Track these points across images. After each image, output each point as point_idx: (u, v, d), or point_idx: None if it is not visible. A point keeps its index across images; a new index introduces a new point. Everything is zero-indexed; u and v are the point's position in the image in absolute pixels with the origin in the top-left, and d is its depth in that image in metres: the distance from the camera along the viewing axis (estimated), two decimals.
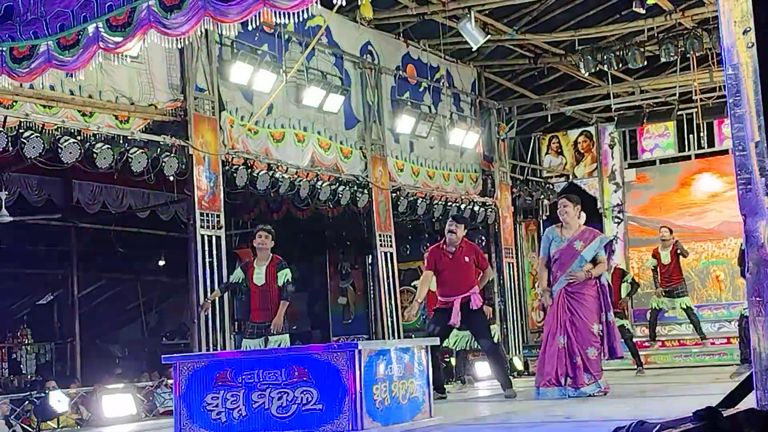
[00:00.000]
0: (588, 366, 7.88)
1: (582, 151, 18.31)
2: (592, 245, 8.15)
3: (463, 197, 15.18)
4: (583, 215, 8.60)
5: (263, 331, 8.80)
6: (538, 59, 15.51)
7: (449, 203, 14.66)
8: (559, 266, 8.13)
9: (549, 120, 17.65)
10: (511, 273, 16.09)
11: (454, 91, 15.33)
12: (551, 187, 18.08)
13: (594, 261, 8.19)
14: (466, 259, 8.68)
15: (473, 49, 13.62)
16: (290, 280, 8.95)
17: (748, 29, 3.94)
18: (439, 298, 8.81)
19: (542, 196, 17.51)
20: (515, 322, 15.87)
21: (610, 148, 17.97)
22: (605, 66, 14.21)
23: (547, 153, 18.55)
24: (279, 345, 8.61)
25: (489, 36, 13.04)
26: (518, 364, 14.53)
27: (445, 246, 8.77)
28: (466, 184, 15.58)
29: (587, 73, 14.79)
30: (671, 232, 13.46)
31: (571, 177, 18.33)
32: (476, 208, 15.33)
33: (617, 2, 13.03)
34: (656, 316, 13.45)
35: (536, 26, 14.26)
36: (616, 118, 17.00)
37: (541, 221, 17.89)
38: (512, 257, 16.26)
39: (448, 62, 15.14)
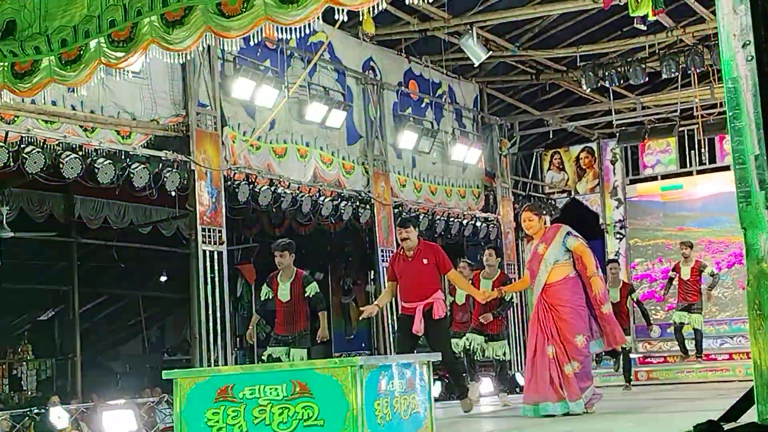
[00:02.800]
0: (563, 382, 7.19)
1: (584, 167, 18.31)
2: (555, 243, 7.39)
3: (465, 213, 15.17)
4: (548, 220, 8.20)
5: (287, 343, 8.83)
6: (539, 75, 15.55)
7: (451, 219, 14.65)
8: (531, 276, 7.53)
9: (551, 136, 17.67)
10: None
11: (456, 107, 15.35)
12: (553, 202, 18.06)
13: (571, 259, 7.40)
14: (424, 261, 7.93)
15: (475, 66, 13.65)
16: (318, 291, 8.98)
17: (748, 42, 3.94)
18: (402, 304, 8.17)
19: (544, 213, 17.46)
20: (518, 338, 15.81)
21: (611, 164, 17.97)
22: (606, 82, 14.22)
23: (549, 169, 18.54)
24: (301, 358, 8.63)
25: (491, 52, 13.08)
26: (521, 380, 14.44)
27: (402, 251, 8.07)
28: (468, 199, 15.58)
29: (589, 90, 14.80)
30: (692, 247, 13.39)
31: (573, 193, 18.32)
32: (478, 224, 15.33)
33: (618, 19, 13.05)
34: (681, 331, 13.22)
35: (538, 42, 14.29)
36: (617, 134, 17.02)
37: None
38: (515, 273, 16.22)
39: (450, 78, 15.17)
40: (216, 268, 10.16)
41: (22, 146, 8.72)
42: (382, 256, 13.04)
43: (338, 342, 17.52)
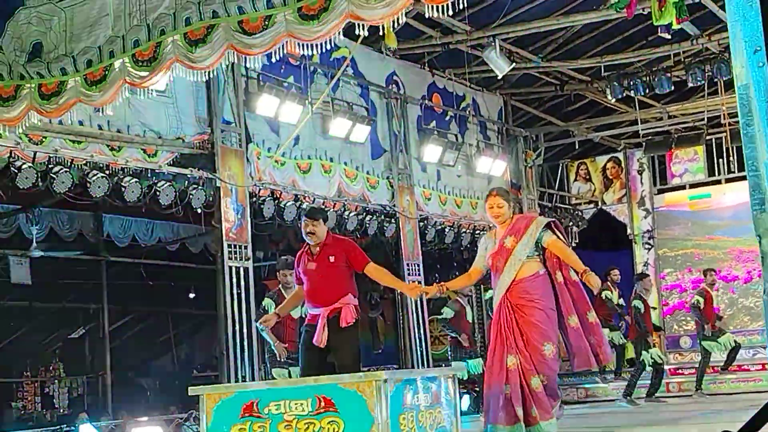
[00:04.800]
0: (531, 399, 6.14)
1: (611, 178, 18.21)
2: (528, 236, 6.32)
3: (491, 225, 15.10)
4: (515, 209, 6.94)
5: (295, 361, 8.78)
6: (564, 86, 15.50)
7: (477, 231, 14.62)
8: (495, 273, 6.44)
9: (577, 147, 17.60)
10: None
11: (481, 119, 15.34)
12: (580, 213, 17.96)
13: (541, 255, 6.39)
14: (331, 259, 6.74)
15: (499, 78, 13.64)
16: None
17: (759, 49, 3.90)
18: (307, 310, 6.96)
19: (571, 223, 17.40)
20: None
21: (639, 174, 17.84)
22: (632, 92, 14.16)
23: (575, 180, 18.46)
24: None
25: (514, 64, 13.05)
26: None
27: (307, 249, 6.92)
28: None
29: (614, 100, 14.74)
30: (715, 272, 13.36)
31: (600, 203, 18.22)
32: None
33: (643, 28, 12.99)
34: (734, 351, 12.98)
35: (562, 53, 14.26)
36: (644, 144, 16.92)
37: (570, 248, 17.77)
38: None
39: (474, 91, 15.17)
40: (242, 284, 10.20)
41: (51, 166, 8.82)
42: (408, 269, 13.03)
43: (366, 356, 17.49)
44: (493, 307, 6.53)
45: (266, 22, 5.98)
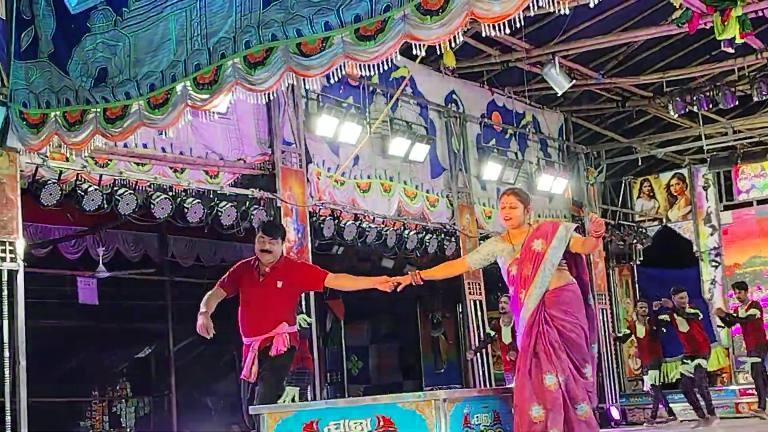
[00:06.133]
0: (577, 428, 5.47)
1: (675, 194, 17.96)
2: (558, 240, 5.68)
3: None
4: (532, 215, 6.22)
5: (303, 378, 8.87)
6: (626, 102, 15.32)
7: None
8: (522, 283, 5.72)
9: (640, 163, 17.36)
10: (605, 319, 15.75)
11: (541, 136, 15.26)
12: (644, 231, 17.72)
13: (571, 258, 5.80)
14: (278, 284, 6.26)
15: (559, 95, 13.55)
16: (307, 324, 8.88)
17: None
18: (243, 339, 6.42)
19: (635, 241, 17.18)
20: (611, 370, 15.48)
21: (704, 190, 17.56)
22: (695, 107, 13.95)
23: (638, 197, 18.25)
24: (293, 399, 8.47)
25: (574, 81, 12.96)
26: (615, 414, 14.14)
27: (255, 266, 6.44)
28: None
29: (676, 115, 14.53)
30: (746, 289, 13.02)
31: (664, 220, 17.95)
32: None
33: (706, 43, 12.80)
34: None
35: (623, 69, 14.11)
36: (709, 160, 16.63)
37: (634, 266, 17.57)
38: (605, 303, 15.94)
39: (533, 108, 15.10)
40: (304, 303, 10.25)
41: (115, 188, 9.00)
42: (469, 288, 12.98)
43: (428, 376, 17.44)
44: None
45: (323, 44, 6.03)
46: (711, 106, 13.90)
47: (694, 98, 13.76)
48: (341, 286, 6.60)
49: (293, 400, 8.46)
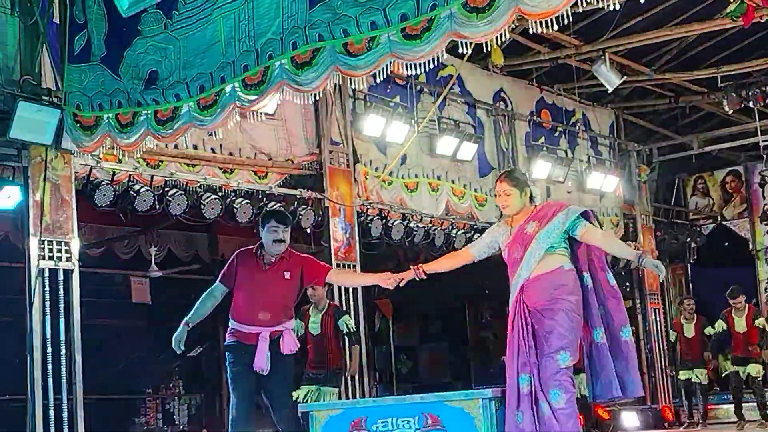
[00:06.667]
0: (557, 417, 5.06)
1: (730, 192, 17.64)
2: (555, 222, 5.28)
3: None
4: (537, 196, 5.60)
5: (318, 381, 8.83)
6: (679, 98, 15.10)
7: None
8: (511, 266, 5.44)
9: (693, 160, 17.09)
10: (657, 319, 15.55)
11: (591, 134, 15.11)
12: (698, 229, 17.45)
13: (569, 251, 5.33)
14: (286, 275, 6.06)
15: (609, 92, 13.41)
16: (352, 325, 8.83)
17: None
18: (234, 325, 6.08)
19: (689, 239, 16.93)
20: (663, 370, 15.28)
21: (760, 188, 17.18)
22: (750, 102, 13.69)
23: (692, 195, 17.97)
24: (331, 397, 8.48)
25: (625, 77, 12.82)
26: (668, 415, 13.95)
27: (258, 254, 6.15)
28: (606, 228, 15.23)
29: (731, 111, 14.28)
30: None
31: (719, 219, 17.65)
32: None
33: (762, 37, 12.57)
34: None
35: (676, 65, 13.91)
36: (765, 156, 16.29)
37: (688, 265, 17.32)
38: (658, 302, 15.73)
39: (584, 105, 14.96)
40: (351, 302, 10.30)
41: (167, 189, 9.13)
42: None
43: (478, 376, 17.40)
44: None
45: (370, 44, 6.03)
46: (767, 101, 13.64)
47: (750, 93, 13.50)
48: (344, 282, 6.38)
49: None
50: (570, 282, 5.27)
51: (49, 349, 7.96)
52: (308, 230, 10.20)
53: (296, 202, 10.07)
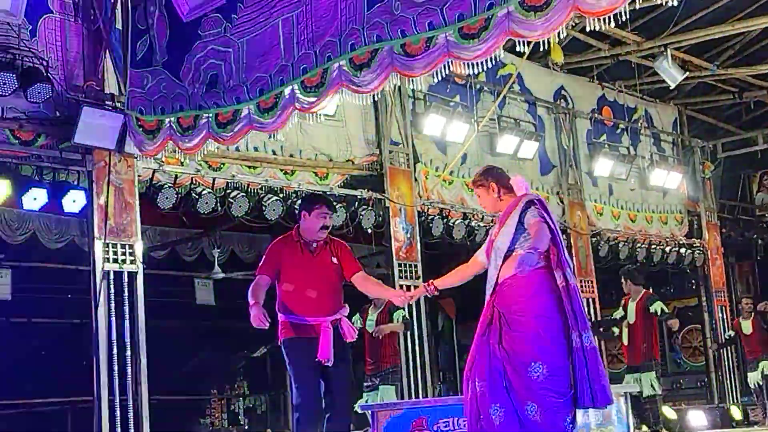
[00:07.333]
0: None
1: None
2: (509, 223, 4.89)
3: (668, 240, 14.64)
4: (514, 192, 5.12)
5: (375, 387, 8.84)
6: (743, 94, 14.81)
7: (653, 246, 14.18)
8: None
9: (759, 156, 16.73)
10: (724, 316, 15.26)
11: (654, 131, 14.90)
12: (765, 226, 17.08)
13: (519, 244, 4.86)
14: (334, 260, 5.77)
15: (672, 88, 13.20)
16: (406, 316, 8.94)
17: None
18: (292, 319, 5.78)
19: (755, 236, 16.59)
20: (731, 368, 14.98)
21: None
22: None
23: (759, 191, 17.60)
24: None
25: (688, 73, 12.61)
26: (736, 414, 13.67)
27: (300, 240, 5.86)
28: (670, 225, 15.01)
29: None
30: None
31: None
32: (682, 251, 14.74)
33: None
34: None
35: (739, 60, 13.65)
36: None
37: (755, 262, 16.95)
38: (724, 299, 15.43)
39: (646, 102, 14.76)
40: (413, 302, 10.28)
41: (228, 191, 9.24)
42: (583, 286, 12.76)
43: None
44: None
45: (428, 44, 6.02)
46: None
47: None
48: (364, 288, 5.99)
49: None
50: (534, 283, 4.80)
51: (115, 351, 8.09)
52: (369, 230, 10.23)
53: (357, 203, 10.11)
